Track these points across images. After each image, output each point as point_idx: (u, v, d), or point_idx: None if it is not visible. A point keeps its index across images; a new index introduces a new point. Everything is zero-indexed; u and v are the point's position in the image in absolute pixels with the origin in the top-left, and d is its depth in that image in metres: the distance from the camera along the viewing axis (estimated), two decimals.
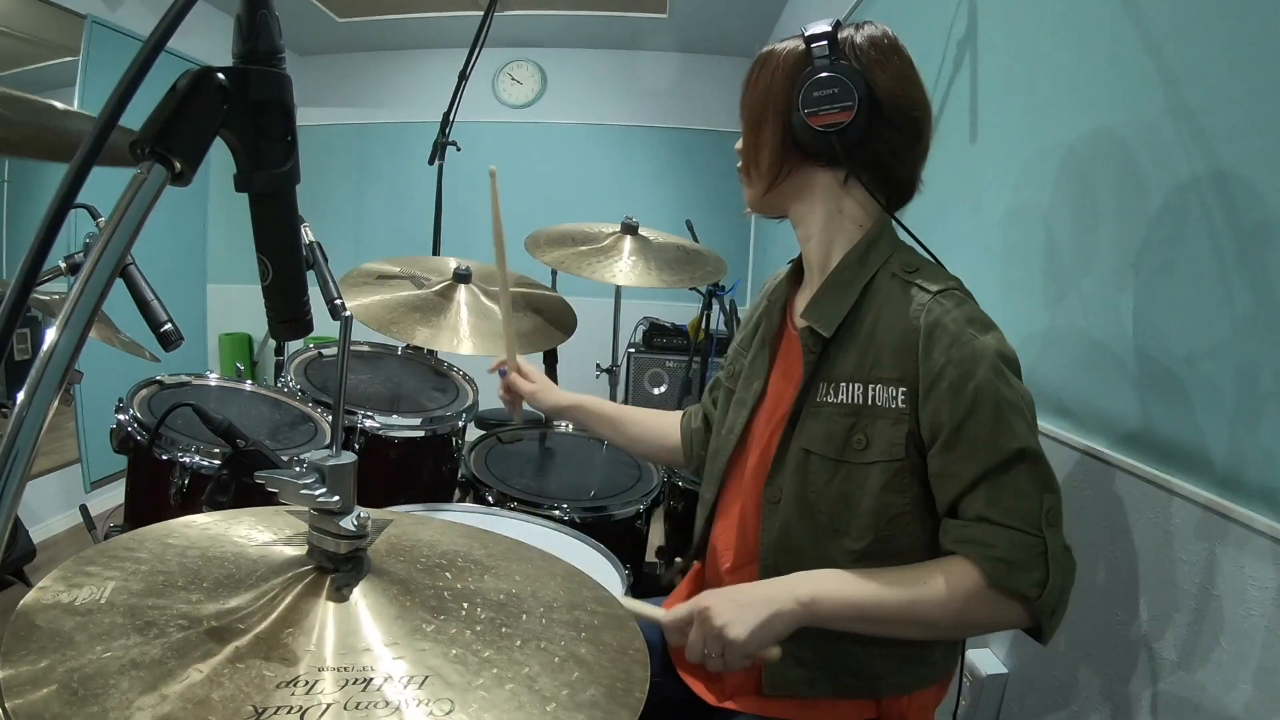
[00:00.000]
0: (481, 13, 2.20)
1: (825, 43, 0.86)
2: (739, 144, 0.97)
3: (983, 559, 0.78)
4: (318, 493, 0.57)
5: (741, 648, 0.78)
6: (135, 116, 0.45)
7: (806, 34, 0.88)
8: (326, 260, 1.33)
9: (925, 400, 0.81)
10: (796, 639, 0.82)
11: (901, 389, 0.83)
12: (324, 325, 0.92)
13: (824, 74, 0.84)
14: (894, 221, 0.93)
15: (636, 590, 1.19)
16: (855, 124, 0.84)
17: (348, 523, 0.57)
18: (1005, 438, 0.78)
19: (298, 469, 0.59)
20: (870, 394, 0.85)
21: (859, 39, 0.88)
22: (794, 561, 0.88)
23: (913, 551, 0.85)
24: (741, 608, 0.79)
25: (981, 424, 0.78)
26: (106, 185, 0.59)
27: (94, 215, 1.34)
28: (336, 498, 0.57)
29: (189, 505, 1.30)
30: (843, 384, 0.87)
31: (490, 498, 1.48)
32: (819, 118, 0.85)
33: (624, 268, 1.75)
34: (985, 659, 1.25)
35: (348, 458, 0.60)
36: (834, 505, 0.87)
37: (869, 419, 0.85)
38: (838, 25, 0.88)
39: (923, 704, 0.92)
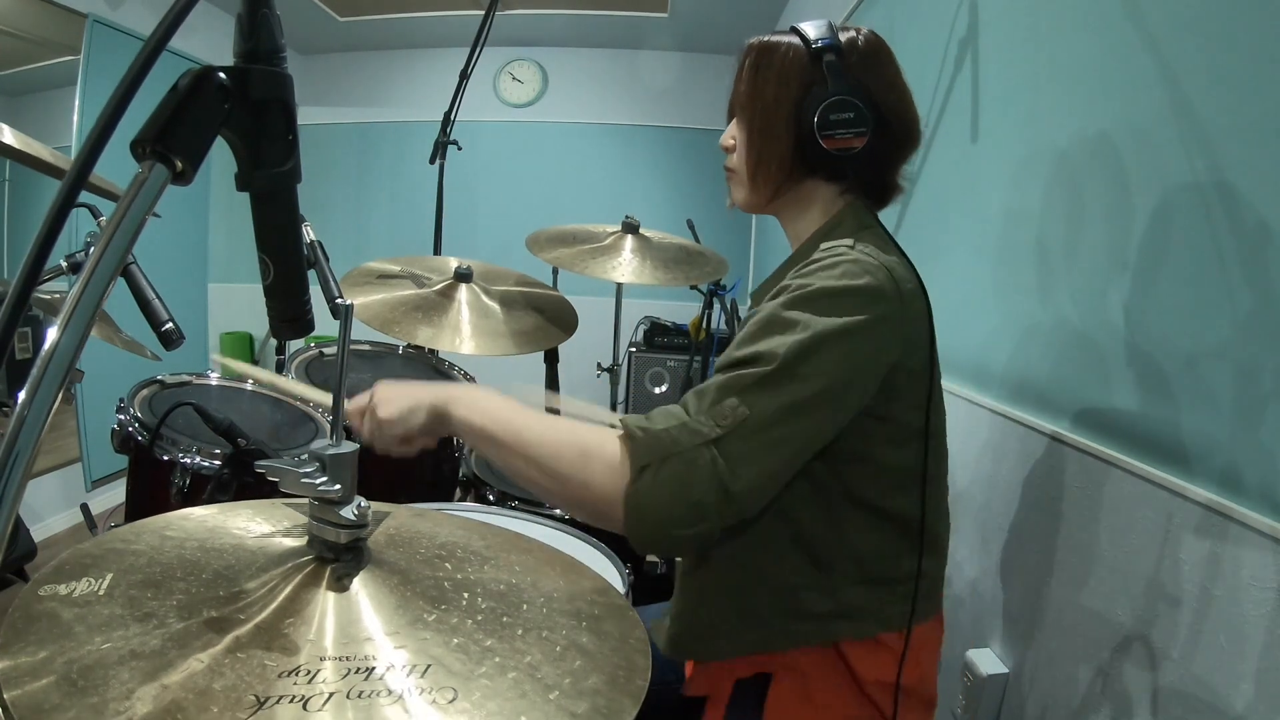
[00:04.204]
0: (482, 12, 2.20)
1: (835, 57, 0.86)
2: (727, 139, 0.97)
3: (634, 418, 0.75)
4: (319, 481, 0.57)
5: (385, 426, 0.86)
6: (137, 116, 0.45)
7: (812, 42, 0.88)
8: (328, 259, 1.34)
9: None
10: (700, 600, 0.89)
11: None
12: (325, 324, 0.92)
13: (841, 97, 0.85)
14: (864, 208, 0.93)
15: (637, 590, 1.19)
16: (866, 146, 0.86)
17: (348, 512, 0.58)
18: (749, 342, 0.77)
19: (299, 458, 0.59)
20: None
21: (862, 49, 0.88)
22: (728, 542, 0.88)
23: (816, 524, 0.86)
24: (398, 395, 0.87)
25: (748, 329, 0.78)
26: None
27: (95, 214, 1.34)
28: (338, 486, 0.57)
29: (190, 505, 1.29)
30: None
31: (491, 496, 1.48)
32: (834, 140, 0.86)
33: (624, 266, 1.76)
34: (985, 659, 1.25)
35: (349, 447, 0.60)
36: None
37: None
38: (836, 30, 0.88)
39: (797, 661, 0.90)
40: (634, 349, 3.58)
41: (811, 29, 0.88)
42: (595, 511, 0.77)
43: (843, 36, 0.88)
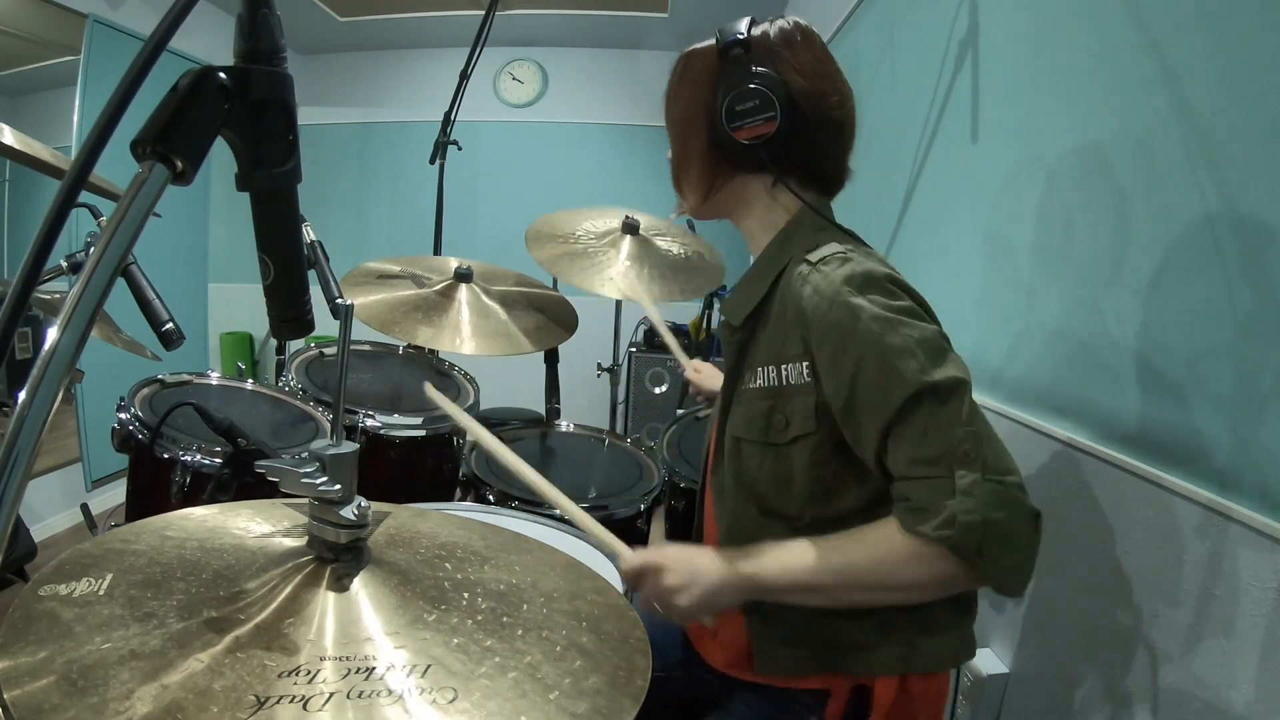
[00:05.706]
0: (482, 12, 2.20)
1: (741, 50, 0.87)
2: (669, 152, 0.98)
3: (900, 511, 0.77)
4: (319, 481, 0.57)
5: (684, 614, 0.82)
6: (137, 116, 0.45)
7: (722, 40, 0.89)
8: (328, 259, 1.34)
9: (821, 370, 0.82)
10: (781, 620, 0.86)
11: (805, 363, 0.84)
12: (325, 324, 0.92)
13: (744, 86, 0.85)
14: (815, 210, 0.93)
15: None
16: (779, 132, 0.86)
17: (348, 512, 0.58)
18: (895, 386, 0.77)
19: (299, 458, 0.59)
20: (784, 374, 0.87)
21: (772, 38, 0.89)
22: (747, 543, 0.89)
23: (855, 516, 0.86)
24: (693, 577, 0.82)
25: (869, 379, 0.78)
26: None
27: (95, 215, 1.34)
28: (338, 486, 0.57)
29: (190, 504, 1.29)
30: (760, 369, 0.90)
31: (491, 497, 1.48)
32: (743, 131, 0.86)
33: (624, 267, 1.76)
34: (985, 659, 1.25)
35: (349, 447, 0.60)
36: (769, 486, 0.89)
37: (786, 398, 0.87)
38: (752, 23, 0.89)
39: (916, 690, 0.89)
40: (634, 349, 3.58)
41: (729, 28, 0.89)
42: (940, 594, 0.81)
43: (755, 30, 0.89)
